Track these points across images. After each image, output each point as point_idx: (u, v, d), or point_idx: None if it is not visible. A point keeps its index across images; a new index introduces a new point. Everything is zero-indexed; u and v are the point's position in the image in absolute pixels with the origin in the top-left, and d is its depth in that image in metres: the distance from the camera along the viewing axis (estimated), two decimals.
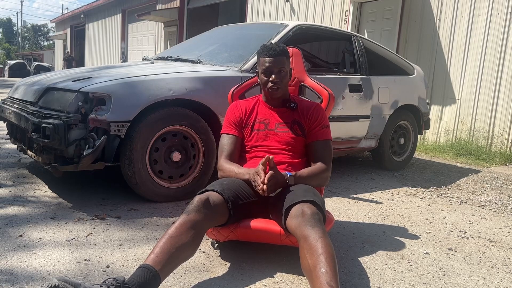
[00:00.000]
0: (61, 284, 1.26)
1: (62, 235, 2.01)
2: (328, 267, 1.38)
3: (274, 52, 1.90)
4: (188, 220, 1.56)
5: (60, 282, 1.27)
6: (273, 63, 1.90)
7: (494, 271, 1.98)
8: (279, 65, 1.90)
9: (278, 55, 1.90)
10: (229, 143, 1.99)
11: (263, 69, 1.92)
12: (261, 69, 1.95)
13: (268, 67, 1.90)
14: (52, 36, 29.65)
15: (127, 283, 1.35)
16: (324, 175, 1.93)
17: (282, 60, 1.91)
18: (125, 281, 1.35)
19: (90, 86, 2.42)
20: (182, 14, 11.95)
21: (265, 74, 1.93)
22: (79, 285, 1.29)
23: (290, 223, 1.61)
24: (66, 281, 1.28)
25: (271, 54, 1.90)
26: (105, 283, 1.34)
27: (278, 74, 1.91)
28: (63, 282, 1.27)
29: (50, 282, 1.28)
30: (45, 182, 2.89)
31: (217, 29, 4.29)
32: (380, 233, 2.38)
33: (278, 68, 1.90)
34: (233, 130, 2.00)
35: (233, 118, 2.02)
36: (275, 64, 1.90)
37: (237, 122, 2.01)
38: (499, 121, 5.34)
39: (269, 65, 1.90)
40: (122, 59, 15.65)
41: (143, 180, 2.52)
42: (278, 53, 1.91)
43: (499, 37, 5.32)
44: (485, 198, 3.37)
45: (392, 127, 4.06)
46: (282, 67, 1.91)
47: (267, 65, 1.91)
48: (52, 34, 33.71)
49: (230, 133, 2.00)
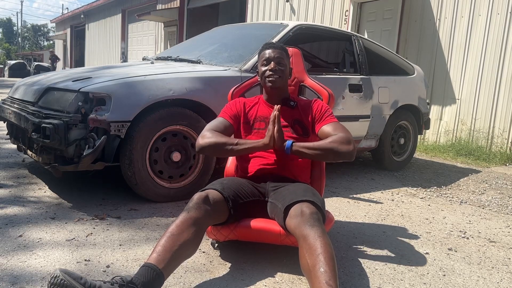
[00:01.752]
0: (62, 275, 1.27)
1: (62, 235, 2.01)
2: (327, 266, 1.38)
3: (274, 46, 1.98)
4: (188, 218, 1.57)
5: (61, 273, 1.27)
6: (272, 53, 1.94)
7: (494, 271, 1.98)
8: (278, 55, 1.94)
9: (278, 49, 1.97)
10: (221, 123, 1.92)
11: (263, 60, 1.96)
12: (261, 62, 1.98)
13: (267, 57, 1.95)
14: (52, 36, 29.66)
15: (132, 282, 1.35)
16: (341, 145, 1.73)
17: (282, 53, 1.96)
18: (131, 280, 1.36)
19: (90, 86, 2.42)
20: (182, 14, 11.96)
21: (264, 64, 1.95)
22: (80, 278, 1.30)
23: (289, 222, 1.61)
24: (68, 273, 1.29)
25: (271, 46, 1.97)
26: (112, 281, 1.34)
27: (277, 63, 1.93)
28: (64, 274, 1.28)
29: (53, 273, 1.29)
30: (45, 182, 2.89)
31: (217, 29, 4.29)
32: (380, 233, 2.38)
33: (278, 59, 1.94)
34: (229, 118, 1.97)
35: (232, 110, 2.00)
36: (274, 54, 1.94)
37: (234, 114, 1.99)
38: (499, 121, 5.34)
39: (268, 56, 1.95)
40: (122, 59, 15.65)
41: (143, 180, 2.52)
42: (278, 47, 1.97)
43: (499, 37, 5.32)
44: (485, 198, 3.37)
45: (392, 127, 4.06)
46: (282, 58, 1.95)
47: (266, 56, 1.95)
48: (52, 34, 33.74)
49: (225, 118, 1.96)
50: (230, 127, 1.95)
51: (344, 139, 1.76)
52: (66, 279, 1.26)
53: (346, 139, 1.77)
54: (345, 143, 1.75)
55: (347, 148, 1.75)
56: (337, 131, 1.83)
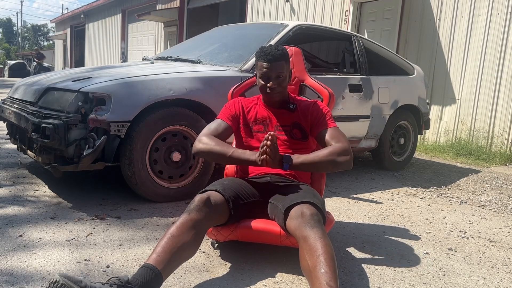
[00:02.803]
0: (62, 280, 1.26)
1: (62, 235, 2.01)
2: (327, 267, 1.38)
3: (272, 58, 1.83)
4: (189, 219, 1.57)
5: (62, 278, 1.26)
6: (270, 68, 1.83)
7: (494, 271, 1.98)
8: (277, 70, 1.84)
9: (276, 60, 1.84)
10: (220, 125, 1.91)
11: (261, 73, 1.87)
12: (259, 74, 1.90)
13: (265, 72, 1.84)
14: (52, 36, 29.64)
15: (130, 283, 1.35)
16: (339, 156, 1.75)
17: (281, 64, 1.85)
18: (128, 280, 1.36)
19: (90, 86, 2.42)
20: (182, 14, 11.95)
21: (262, 79, 1.88)
22: (80, 282, 1.29)
23: (289, 224, 1.61)
24: (68, 277, 1.28)
25: (269, 59, 1.83)
26: (109, 282, 1.34)
27: (276, 80, 1.85)
28: (64, 278, 1.27)
29: (52, 278, 1.28)
30: (45, 182, 2.89)
31: (217, 29, 4.29)
32: (380, 233, 2.38)
33: (276, 74, 1.85)
34: (228, 120, 1.95)
35: (231, 110, 1.98)
36: (273, 69, 1.83)
37: (233, 115, 1.96)
38: (499, 121, 5.34)
39: (267, 71, 1.84)
40: (122, 59, 15.65)
41: (143, 180, 2.52)
42: (276, 58, 1.84)
43: (499, 37, 5.32)
44: (485, 198, 3.37)
45: (392, 127, 4.06)
46: (281, 71, 1.85)
47: (264, 71, 1.85)
48: (52, 34, 33.71)
49: (224, 120, 1.94)
50: (228, 129, 1.92)
51: (342, 150, 1.77)
52: (67, 283, 1.25)
53: (344, 149, 1.78)
54: (343, 154, 1.76)
55: (345, 159, 1.77)
56: (335, 140, 1.82)
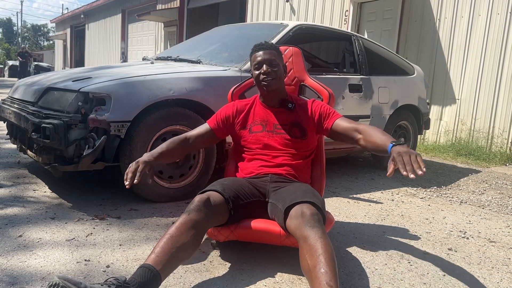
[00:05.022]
0: (62, 282, 1.26)
1: (62, 235, 2.01)
2: (327, 267, 1.38)
3: (263, 46, 1.94)
4: (188, 220, 1.57)
5: (61, 281, 1.26)
6: (263, 56, 1.91)
7: (494, 271, 1.98)
8: (270, 57, 1.91)
9: (267, 49, 1.93)
10: (200, 130, 2.01)
11: (254, 64, 1.94)
12: (253, 66, 1.96)
13: (259, 60, 1.92)
14: (52, 36, 29.63)
15: (128, 283, 1.35)
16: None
17: (273, 53, 1.93)
18: (126, 280, 1.35)
19: (90, 86, 2.42)
20: (182, 14, 11.95)
21: (257, 68, 1.93)
22: (80, 283, 1.28)
23: (289, 224, 1.61)
24: (67, 279, 1.27)
25: (260, 48, 1.94)
26: (106, 282, 1.34)
27: (269, 66, 1.91)
28: (64, 280, 1.26)
29: (51, 281, 1.27)
30: (45, 182, 2.89)
31: (217, 29, 4.29)
32: (380, 233, 2.38)
33: (269, 61, 1.91)
34: (214, 124, 2.01)
35: (221, 115, 2.02)
36: (265, 56, 1.91)
37: (223, 119, 2.01)
38: (499, 121, 5.34)
39: (260, 59, 1.92)
40: (122, 59, 15.65)
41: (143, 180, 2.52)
42: (267, 47, 1.94)
43: (499, 37, 5.32)
44: (485, 198, 3.37)
45: (392, 127, 4.06)
46: (273, 59, 1.92)
47: (258, 59, 1.92)
48: (52, 34, 33.69)
49: (209, 124, 2.02)
50: (209, 133, 2.01)
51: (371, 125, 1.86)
52: (66, 285, 1.25)
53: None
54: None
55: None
56: (354, 124, 1.88)
